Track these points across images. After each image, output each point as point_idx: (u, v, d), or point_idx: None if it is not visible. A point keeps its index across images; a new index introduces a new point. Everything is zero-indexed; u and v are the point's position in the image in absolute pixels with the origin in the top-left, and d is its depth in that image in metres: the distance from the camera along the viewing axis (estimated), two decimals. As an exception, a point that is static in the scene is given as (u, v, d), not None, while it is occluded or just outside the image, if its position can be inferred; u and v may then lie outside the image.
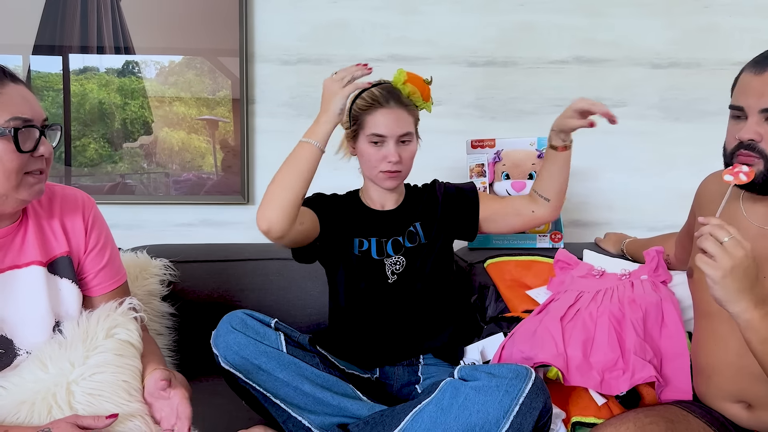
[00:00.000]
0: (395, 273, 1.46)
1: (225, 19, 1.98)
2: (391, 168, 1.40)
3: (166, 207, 2.05)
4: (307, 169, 1.27)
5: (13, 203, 1.06)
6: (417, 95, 1.43)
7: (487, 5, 2.02)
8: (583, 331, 1.37)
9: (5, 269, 1.10)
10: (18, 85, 1.05)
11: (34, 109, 1.05)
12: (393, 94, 1.40)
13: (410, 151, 1.43)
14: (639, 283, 1.46)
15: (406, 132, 1.40)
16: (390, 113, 1.39)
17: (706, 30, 2.04)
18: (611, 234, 1.79)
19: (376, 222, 1.49)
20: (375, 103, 1.40)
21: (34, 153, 1.04)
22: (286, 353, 1.29)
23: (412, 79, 1.43)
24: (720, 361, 1.18)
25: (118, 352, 1.12)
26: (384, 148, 1.40)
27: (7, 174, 1.02)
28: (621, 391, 1.29)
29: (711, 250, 0.96)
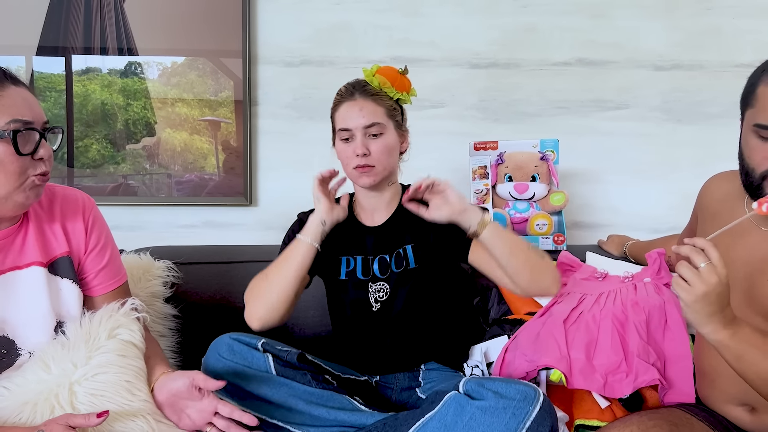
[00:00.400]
0: (378, 301, 1.39)
1: (228, 21, 1.98)
2: (360, 162, 1.32)
3: (169, 208, 2.05)
4: (300, 266, 1.29)
5: (13, 206, 1.06)
6: (388, 85, 1.36)
7: (490, 7, 2.03)
8: (587, 333, 1.37)
9: (6, 270, 1.11)
10: (19, 87, 1.05)
11: (34, 112, 1.05)
12: (358, 86, 1.36)
13: (382, 144, 1.34)
14: (642, 285, 1.46)
15: (372, 123, 1.32)
16: (353, 105, 1.33)
17: (708, 32, 2.04)
18: (614, 236, 1.79)
19: (363, 238, 1.42)
20: (339, 98, 1.37)
21: (34, 156, 1.04)
22: (276, 375, 1.27)
23: (383, 70, 1.37)
24: (723, 365, 1.17)
25: (121, 352, 1.13)
26: (352, 144, 1.34)
27: (8, 176, 1.02)
28: (624, 394, 1.29)
29: (686, 276, 0.98)
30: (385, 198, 1.42)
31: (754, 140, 1.07)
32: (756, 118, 1.06)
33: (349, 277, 1.41)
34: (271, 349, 1.31)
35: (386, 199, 1.43)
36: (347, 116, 1.33)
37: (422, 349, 1.41)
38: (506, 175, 1.82)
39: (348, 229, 1.42)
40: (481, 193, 1.82)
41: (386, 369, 1.42)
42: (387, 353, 1.41)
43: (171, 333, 1.61)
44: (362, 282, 1.40)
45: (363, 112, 1.33)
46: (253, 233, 2.06)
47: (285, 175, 2.05)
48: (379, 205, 1.43)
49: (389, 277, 1.39)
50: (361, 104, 1.33)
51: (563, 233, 1.78)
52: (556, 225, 1.79)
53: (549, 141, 1.83)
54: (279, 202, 2.06)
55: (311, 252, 1.30)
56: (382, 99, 1.35)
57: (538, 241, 1.78)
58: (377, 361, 1.42)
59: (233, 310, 1.67)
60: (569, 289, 1.53)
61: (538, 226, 1.77)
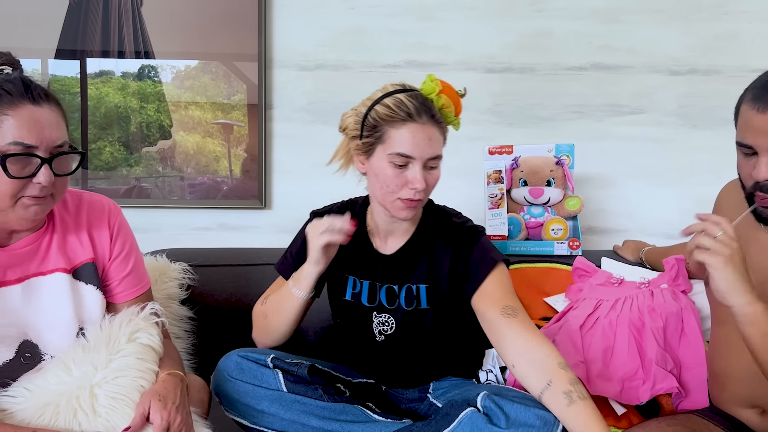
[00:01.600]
0: (383, 333, 1.32)
1: (244, 25, 1.99)
2: (413, 196, 1.17)
3: (184, 211, 2.07)
4: (297, 315, 1.29)
5: (16, 221, 1.05)
6: (450, 110, 1.21)
7: (505, 11, 2.03)
8: (603, 339, 1.37)
9: (30, 276, 1.11)
10: (39, 107, 1.02)
11: (42, 135, 1.01)
12: (426, 106, 1.18)
13: (435, 178, 1.22)
14: (659, 291, 1.46)
15: (436, 155, 1.19)
16: (422, 130, 1.16)
17: (725, 37, 2.03)
18: (630, 242, 1.79)
19: (373, 264, 1.32)
20: (404, 114, 1.16)
21: (33, 180, 1.01)
22: (287, 392, 1.23)
23: (447, 89, 1.20)
24: (734, 368, 1.18)
25: (140, 356, 1.13)
26: (408, 172, 1.17)
27: (1, 195, 1.01)
28: (641, 401, 1.28)
29: (706, 243, 1.00)
30: (405, 224, 1.30)
31: (740, 156, 1.11)
32: (737, 136, 1.10)
33: (354, 299, 1.34)
34: (281, 364, 1.26)
35: (405, 225, 1.30)
36: (414, 142, 1.16)
37: (432, 371, 1.37)
38: (521, 180, 1.82)
39: (358, 249, 1.32)
40: (496, 197, 1.82)
41: (394, 385, 1.39)
42: (393, 375, 1.38)
43: (186, 335, 1.62)
44: (367, 309, 1.33)
45: (431, 142, 1.17)
46: (267, 236, 2.06)
47: (299, 179, 2.05)
48: (397, 231, 1.31)
49: (396, 311, 1.30)
50: (430, 132, 1.18)
51: (578, 238, 1.77)
52: (571, 230, 1.78)
53: (564, 146, 1.82)
54: (293, 205, 2.06)
55: (307, 301, 1.29)
56: (442, 126, 1.22)
57: (554, 246, 1.77)
58: (383, 378, 1.39)
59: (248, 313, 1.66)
60: (585, 295, 1.53)
61: (553, 231, 1.77)
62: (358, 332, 1.35)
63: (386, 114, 1.17)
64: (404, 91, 1.19)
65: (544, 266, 1.70)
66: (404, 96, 1.18)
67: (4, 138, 0.98)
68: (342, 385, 1.32)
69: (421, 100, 1.18)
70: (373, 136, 1.20)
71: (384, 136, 1.18)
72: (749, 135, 1.05)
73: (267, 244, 2.02)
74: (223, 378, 1.25)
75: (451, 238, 1.28)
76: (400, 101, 1.17)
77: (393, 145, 1.17)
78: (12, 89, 1.01)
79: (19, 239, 1.11)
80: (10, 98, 1.00)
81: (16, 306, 1.09)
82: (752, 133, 1.04)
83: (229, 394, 1.24)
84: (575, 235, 1.78)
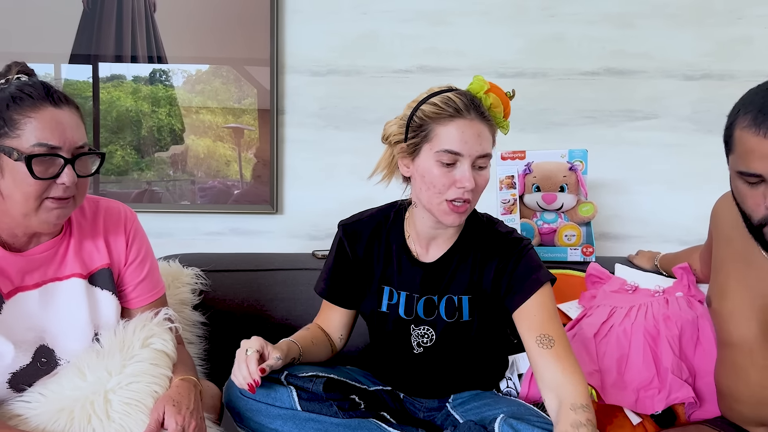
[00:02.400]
0: (421, 345, 1.28)
1: (256, 30, 2.00)
2: (462, 195, 1.12)
3: (195, 215, 2.07)
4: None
5: (38, 224, 1.06)
6: (499, 110, 1.16)
7: (517, 16, 2.02)
8: (617, 348, 1.36)
9: (48, 281, 1.12)
10: (60, 109, 1.03)
11: (65, 136, 1.03)
12: (474, 104, 1.13)
13: (485, 178, 1.16)
14: (674, 299, 1.44)
15: (486, 153, 1.13)
16: (471, 126, 1.11)
17: (739, 41, 2.01)
18: (644, 252, 1.76)
19: (412, 273, 1.27)
20: (452, 110, 1.12)
21: (57, 180, 1.03)
22: (301, 411, 1.19)
23: (495, 88, 1.16)
24: (741, 392, 1.16)
25: (154, 361, 1.13)
26: (456, 171, 1.12)
27: (26, 197, 1.02)
28: (657, 411, 1.27)
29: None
30: (449, 231, 1.25)
31: (742, 186, 1.02)
32: (737, 165, 1.01)
33: (390, 311, 1.29)
34: (295, 381, 1.22)
35: (450, 232, 1.25)
36: (462, 138, 1.11)
37: (458, 383, 1.36)
38: (534, 185, 1.81)
39: (396, 258, 1.28)
40: (508, 203, 1.81)
41: (415, 394, 1.38)
42: (419, 384, 1.36)
43: (199, 340, 1.62)
44: (405, 322, 1.28)
45: (481, 139, 1.12)
46: (279, 241, 2.07)
47: (310, 184, 2.06)
48: (440, 238, 1.26)
49: (435, 322, 1.26)
50: (479, 129, 1.12)
51: (592, 244, 1.76)
52: (584, 236, 1.77)
53: (577, 151, 1.81)
54: (304, 211, 2.07)
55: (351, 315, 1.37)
56: (492, 125, 1.16)
57: (567, 252, 1.76)
58: (407, 386, 1.38)
59: (261, 318, 1.69)
60: (599, 302, 1.52)
61: (566, 237, 1.76)
62: (394, 344, 1.31)
63: (433, 111, 1.13)
64: (451, 91, 1.16)
65: (557, 272, 1.69)
66: (452, 94, 1.14)
67: (28, 140, 1.00)
68: (357, 396, 1.28)
69: (470, 98, 1.14)
70: (419, 136, 1.15)
71: (431, 134, 1.14)
72: (757, 163, 0.96)
73: (279, 249, 2.03)
74: (234, 395, 1.22)
75: (496, 248, 1.23)
76: (448, 98, 1.13)
77: (440, 143, 1.12)
78: (33, 92, 1.03)
79: (38, 244, 1.12)
80: (32, 101, 1.02)
81: (34, 311, 1.10)
82: (760, 160, 0.96)
83: (241, 412, 1.22)
84: (589, 241, 1.77)
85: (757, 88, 0.99)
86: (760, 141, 0.95)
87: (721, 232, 1.26)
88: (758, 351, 1.12)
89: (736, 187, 1.05)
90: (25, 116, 1.01)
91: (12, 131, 1.00)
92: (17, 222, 1.06)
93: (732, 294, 1.17)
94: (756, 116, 0.95)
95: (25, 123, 1.00)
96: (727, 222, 1.23)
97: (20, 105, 1.01)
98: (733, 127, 1.00)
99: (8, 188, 1.02)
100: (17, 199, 1.02)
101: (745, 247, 1.14)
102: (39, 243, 1.12)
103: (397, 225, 1.30)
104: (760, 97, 0.97)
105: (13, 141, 1.00)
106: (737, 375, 1.16)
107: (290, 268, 1.74)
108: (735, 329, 1.15)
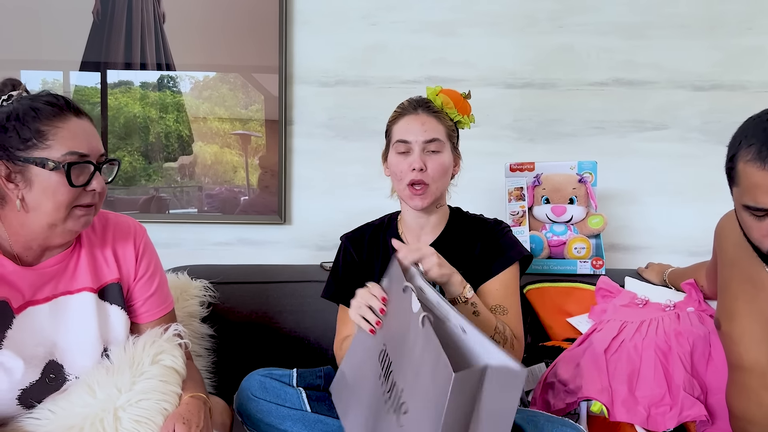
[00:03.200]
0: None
1: (264, 42, 2.00)
2: (416, 177, 1.28)
3: (203, 225, 2.07)
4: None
5: (62, 233, 1.08)
6: (450, 105, 1.34)
7: (525, 27, 2.02)
8: (628, 364, 1.35)
9: (58, 295, 1.12)
10: (81, 119, 1.07)
11: (91, 144, 1.06)
12: (422, 102, 1.34)
13: (439, 162, 1.30)
14: (685, 315, 1.43)
15: (432, 138, 1.29)
16: (416, 119, 1.31)
17: (750, 52, 2.00)
18: (654, 265, 1.75)
19: None
20: (402, 111, 1.35)
21: (87, 187, 1.06)
22: (310, 412, 1.25)
23: (447, 91, 1.37)
24: (754, 414, 1.15)
25: (163, 378, 1.13)
26: (410, 157, 1.30)
27: (58, 206, 1.04)
28: (668, 428, 1.26)
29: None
30: (432, 220, 1.38)
31: (748, 219, 1.02)
32: (743, 199, 1.00)
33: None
34: (304, 383, 1.30)
35: (433, 221, 1.38)
36: (408, 129, 1.31)
37: None
38: (543, 197, 1.80)
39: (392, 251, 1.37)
40: (517, 215, 1.80)
41: None
42: None
43: (207, 353, 1.62)
44: None
45: (425, 127, 1.30)
46: (287, 251, 2.06)
47: (319, 194, 2.05)
48: (425, 227, 1.39)
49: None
50: (424, 119, 1.31)
51: (602, 257, 1.75)
52: (594, 249, 1.76)
53: (587, 163, 1.80)
54: (312, 221, 2.06)
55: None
56: (443, 118, 1.33)
57: (576, 265, 1.75)
58: None
59: (269, 330, 1.68)
60: (609, 317, 1.51)
61: (576, 250, 1.75)
62: None
63: (391, 117, 1.37)
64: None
65: (566, 286, 1.68)
66: (405, 100, 1.37)
67: (59, 150, 1.03)
68: None
69: (418, 99, 1.36)
70: (387, 139, 1.38)
71: (391, 134, 1.36)
72: (763, 197, 0.95)
73: (287, 259, 2.03)
74: (246, 397, 1.27)
75: (479, 232, 1.37)
76: (401, 103, 1.37)
77: (394, 136, 1.34)
78: (56, 104, 1.05)
79: (50, 257, 1.12)
80: (59, 111, 1.04)
81: (44, 325, 1.10)
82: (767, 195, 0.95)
83: (252, 414, 1.25)
84: (598, 254, 1.76)
85: (758, 119, 0.98)
86: (765, 176, 0.94)
87: (725, 252, 1.25)
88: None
89: (742, 219, 1.04)
90: (54, 126, 1.03)
91: (41, 142, 1.02)
92: (36, 234, 1.07)
93: (741, 317, 1.16)
94: (760, 149, 0.94)
95: (54, 133, 1.03)
96: (730, 242, 1.23)
97: (46, 116, 1.03)
98: (735, 159, 0.99)
99: (36, 200, 1.03)
100: (47, 210, 1.04)
101: (751, 268, 1.13)
102: (51, 256, 1.12)
103: (391, 226, 1.44)
104: (761, 129, 0.95)
105: (44, 152, 1.02)
106: (749, 398, 1.15)
107: (299, 281, 1.74)
108: (746, 352, 1.14)
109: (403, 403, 0.97)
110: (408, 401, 0.96)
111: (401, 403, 0.97)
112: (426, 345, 0.93)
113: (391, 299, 1.09)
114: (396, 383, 1.00)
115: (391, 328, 1.06)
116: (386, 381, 1.03)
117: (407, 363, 0.98)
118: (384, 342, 1.06)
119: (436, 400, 0.87)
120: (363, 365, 1.12)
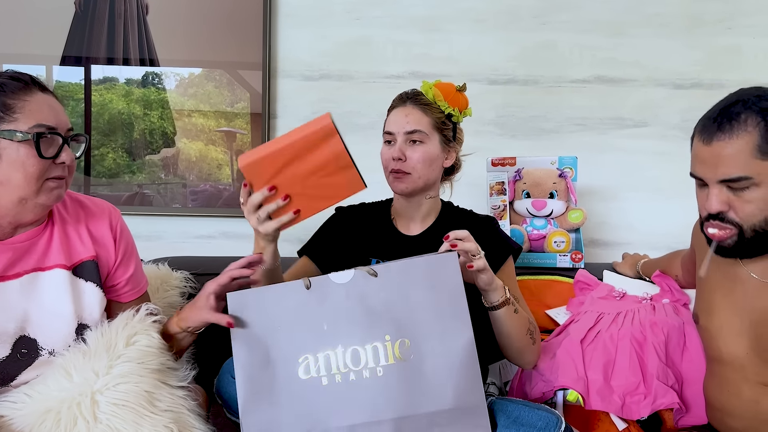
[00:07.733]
0: None
1: (248, 35, 2.00)
2: (395, 166, 1.33)
3: (186, 219, 2.07)
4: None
5: (33, 208, 1.08)
6: (441, 98, 1.36)
7: (509, 24, 2.04)
8: (604, 353, 1.37)
9: (30, 271, 1.12)
10: (46, 94, 1.08)
11: (59, 118, 1.08)
12: (411, 95, 1.38)
13: (420, 152, 1.33)
14: (660, 306, 1.45)
15: (413, 129, 1.33)
16: (401, 111, 1.36)
17: (729, 51, 2.03)
18: (628, 256, 1.77)
19: (397, 245, 1.39)
20: (393, 103, 1.40)
21: (56, 160, 1.07)
22: None
23: (441, 85, 1.38)
24: (734, 406, 1.17)
25: (140, 360, 1.12)
26: (393, 147, 1.35)
27: (28, 179, 1.05)
28: (642, 416, 1.28)
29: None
30: (421, 210, 1.40)
31: (696, 187, 1.14)
32: (691, 168, 1.12)
33: None
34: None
35: (423, 211, 1.41)
36: (393, 120, 1.36)
37: None
38: (524, 192, 1.82)
39: (382, 232, 1.42)
40: (499, 209, 1.82)
41: None
42: None
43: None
44: None
45: (408, 119, 1.34)
46: (270, 244, 2.06)
47: (302, 188, 2.06)
48: (415, 216, 1.41)
49: None
50: (409, 111, 1.35)
51: (581, 251, 1.77)
52: (573, 242, 1.78)
53: (567, 158, 1.83)
54: (296, 214, 2.06)
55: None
56: (431, 110, 1.36)
57: (556, 258, 1.77)
58: None
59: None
60: (586, 308, 1.53)
61: (555, 244, 1.77)
62: None
63: (388, 109, 1.41)
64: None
65: (545, 278, 1.70)
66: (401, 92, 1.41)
67: (27, 122, 1.04)
68: None
69: (410, 92, 1.40)
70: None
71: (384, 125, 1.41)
72: (699, 166, 1.08)
73: (269, 252, 2.02)
74: (226, 380, 1.27)
75: (469, 224, 1.37)
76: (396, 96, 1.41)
77: (384, 129, 1.39)
78: (21, 78, 1.07)
79: (21, 233, 1.12)
80: (24, 86, 1.06)
81: (15, 301, 1.10)
82: (701, 165, 1.07)
83: (231, 395, 1.24)
84: (578, 248, 1.78)
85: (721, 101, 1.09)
86: (701, 147, 1.07)
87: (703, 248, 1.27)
88: (750, 367, 1.13)
89: (696, 192, 1.15)
90: (20, 100, 1.04)
91: (8, 116, 1.03)
92: (7, 210, 1.07)
93: (719, 311, 1.18)
94: (704, 124, 1.08)
95: (21, 107, 1.04)
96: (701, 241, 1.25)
97: (12, 90, 1.04)
98: (693, 134, 1.12)
99: (5, 173, 1.04)
100: (18, 183, 1.04)
101: (728, 264, 1.16)
102: (23, 231, 1.13)
103: (385, 209, 1.47)
104: (713, 109, 1.08)
105: (11, 124, 1.03)
106: (729, 390, 1.17)
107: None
108: (725, 346, 1.16)
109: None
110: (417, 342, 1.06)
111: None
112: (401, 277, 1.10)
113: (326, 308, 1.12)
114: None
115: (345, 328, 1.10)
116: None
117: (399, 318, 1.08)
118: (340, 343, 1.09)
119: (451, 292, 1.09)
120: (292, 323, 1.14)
